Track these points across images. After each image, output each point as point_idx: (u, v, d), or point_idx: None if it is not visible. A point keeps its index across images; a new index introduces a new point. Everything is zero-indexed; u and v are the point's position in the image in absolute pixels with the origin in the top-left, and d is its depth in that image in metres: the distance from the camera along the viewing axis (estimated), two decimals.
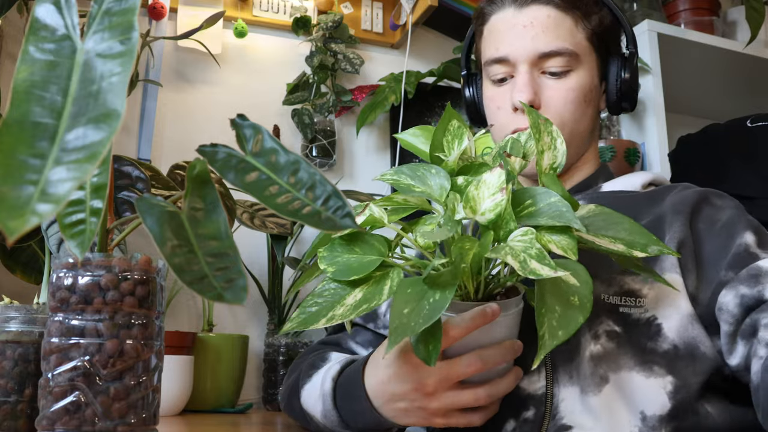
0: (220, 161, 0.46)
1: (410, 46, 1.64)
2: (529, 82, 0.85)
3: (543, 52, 0.85)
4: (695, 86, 1.74)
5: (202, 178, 0.47)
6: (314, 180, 0.46)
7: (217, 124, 1.57)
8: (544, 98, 0.85)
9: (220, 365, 1.32)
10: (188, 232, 0.44)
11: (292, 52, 1.66)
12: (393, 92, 1.61)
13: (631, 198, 0.86)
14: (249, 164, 0.47)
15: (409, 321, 0.55)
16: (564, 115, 0.86)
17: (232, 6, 1.60)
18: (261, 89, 1.62)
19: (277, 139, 0.48)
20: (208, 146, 0.47)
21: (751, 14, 1.42)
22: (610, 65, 0.91)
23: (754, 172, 1.39)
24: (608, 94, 0.92)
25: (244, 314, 1.52)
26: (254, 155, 0.47)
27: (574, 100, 0.86)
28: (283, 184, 0.46)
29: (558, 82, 0.86)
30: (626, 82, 0.90)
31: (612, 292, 0.76)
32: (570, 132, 0.86)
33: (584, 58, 0.87)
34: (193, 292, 1.50)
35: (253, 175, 0.46)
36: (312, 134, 1.57)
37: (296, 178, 0.46)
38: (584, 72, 0.87)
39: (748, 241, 0.74)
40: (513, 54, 0.86)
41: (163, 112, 1.53)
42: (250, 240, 1.51)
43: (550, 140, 0.70)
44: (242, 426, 1.13)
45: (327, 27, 1.59)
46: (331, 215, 0.45)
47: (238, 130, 0.48)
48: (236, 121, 0.49)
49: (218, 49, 1.54)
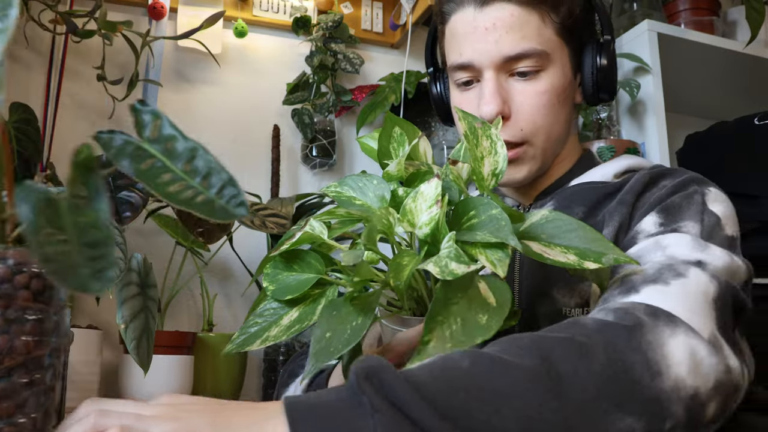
0: (115, 148, 0.45)
1: (410, 46, 1.64)
2: (496, 90, 0.78)
3: (509, 56, 0.78)
4: (695, 86, 1.74)
5: (88, 164, 0.44)
6: (210, 168, 0.45)
7: (217, 124, 1.57)
8: (514, 105, 0.79)
9: (220, 365, 1.32)
10: (65, 221, 0.42)
11: (292, 52, 1.66)
12: (393, 92, 1.61)
13: (594, 190, 0.81)
14: (145, 151, 0.45)
15: (328, 346, 0.54)
16: (537, 120, 0.79)
17: (232, 6, 1.60)
18: (261, 89, 1.62)
19: (178, 127, 0.46)
20: (105, 132, 0.45)
21: (751, 14, 1.42)
22: (584, 56, 0.83)
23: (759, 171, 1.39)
24: (584, 86, 0.84)
25: (244, 314, 1.52)
26: (151, 141, 0.46)
27: (547, 104, 0.79)
28: (177, 172, 0.44)
29: (528, 84, 0.79)
30: (602, 71, 0.82)
31: (573, 304, 0.73)
32: (545, 136, 0.81)
33: (555, 55, 0.80)
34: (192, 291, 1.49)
35: (148, 162, 0.45)
36: (312, 134, 1.57)
37: (192, 165, 0.45)
38: (555, 70, 0.80)
39: (644, 226, 0.70)
40: (477, 60, 0.79)
41: (163, 112, 1.52)
42: (250, 240, 1.51)
43: (490, 145, 0.63)
44: None
45: (327, 27, 1.59)
46: (225, 204, 0.44)
47: (137, 115, 0.47)
48: (135, 106, 0.47)
49: (218, 49, 1.54)
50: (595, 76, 0.82)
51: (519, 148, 0.80)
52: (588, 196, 0.80)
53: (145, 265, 0.95)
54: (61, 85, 1.43)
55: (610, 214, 0.76)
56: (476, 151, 0.63)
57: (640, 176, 0.79)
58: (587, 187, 0.82)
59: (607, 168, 0.85)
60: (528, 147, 0.80)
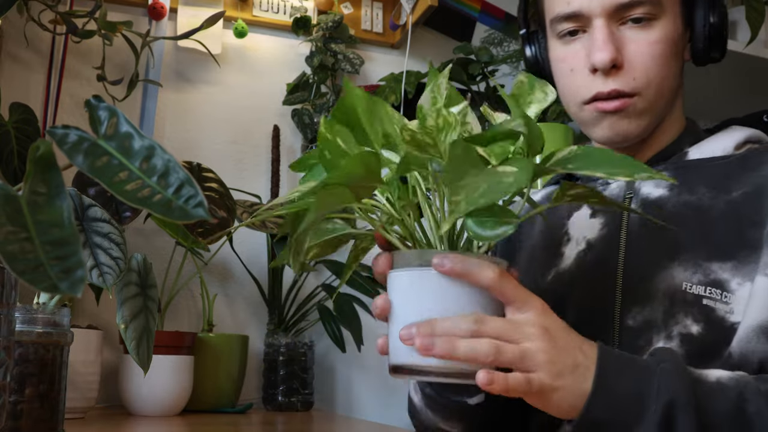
0: (69, 144, 0.44)
1: (410, 46, 1.64)
2: (609, 37, 0.74)
3: (621, 3, 0.74)
4: (695, 86, 1.74)
5: (47, 160, 0.43)
6: (168, 167, 0.44)
7: (217, 124, 1.57)
8: (627, 54, 0.75)
9: (220, 365, 1.32)
10: (26, 218, 0.41)
11: (292, 52, 1.66)
12: (393, 92, 1.61)
13: (723, 165, 0.76)
14: (100, 148, 0.44)
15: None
16: (651, 71, 0.75)
17: (232, 6, 1.60)
18: (261, 89, 1.62)
19: (134, 124, 0.46)
20: (59, 128, 0.45)
21: (751, 14, 1.42)
22: (696, 9, 0.79)
23: None
24: (694, 43, 0.80)
25: (244, 314, 1.52)
26: (107, 139, 0.45)
27: (662, 54, 0.75)
28: (134, 170, 0.44)
29: (641, 33, 0.75)
30: (715, 26, 0.78)
31: (696, 281, 0.68)
32: (657, 89, 0.76)
33: (667, 4, 0.76)
34: (192, 290, 1.49)
35: (103, 159, 0.44)
36: (312, 134, 1.57)
37: (149, 164, 0.44)
38: (669, 20, 0.76)
39: None
40: (587, 7, 0.75)
41: (163, 112, 1.53)
42: (250, 240, 1.51)
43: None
44: (242, 426, 1.13)
45: (327, 27, 1.59)
46: (183, 204, 0.43)
47: (92, 111, 0.46)
48: (90, 102, 0.46)
49: (218, 49, 1.54)
50: (708, 31, 0.79)
51: (629, 99, 0.75)
52: (711, 172, 0.76)
53: (145, 265, 0.95)
54: (61, 85, 1.43)
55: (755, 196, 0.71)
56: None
57: None
58: (708, 164, 0.77)
59: (726, 139, 0.80)
60: (638, 99, 0.76)
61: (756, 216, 0.70)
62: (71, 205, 0.42)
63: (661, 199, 0.75)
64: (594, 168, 0.54)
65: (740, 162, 0.75)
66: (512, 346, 0.54)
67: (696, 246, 0.70)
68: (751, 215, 0.70)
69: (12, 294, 0.50)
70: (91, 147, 0.44)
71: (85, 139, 0.44)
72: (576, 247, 0.79)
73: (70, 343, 0.72)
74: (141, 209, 1.05)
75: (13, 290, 0.51)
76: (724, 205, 0.71)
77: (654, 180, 0.68)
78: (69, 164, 0.46)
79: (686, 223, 0.71)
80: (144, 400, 1.19)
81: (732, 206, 0.71)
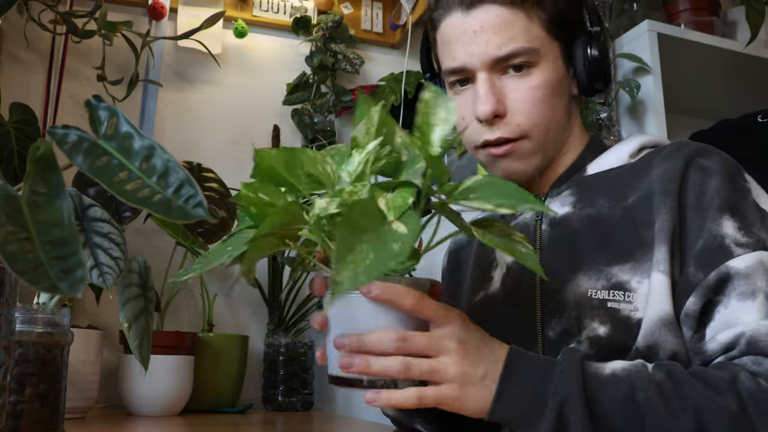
0: (69, 144, 0.44)
1: (410, 46, 1.64)
2: (490, 89, 0.79)
3: (498, 57, 0.79)
4: (695, 86, 1.74)
5: (47, 160, 0.43)
6: (168, 167, 0.44)
7: (217, 124, 1.57)
8: (510, 102, 0.80)
9: (220, 365, 1.32)
10: (26, 218, 0.41)
11: (292, 52, 1.66)
12: (393, 92, 1.61)
13: (618, 176, 0.81)
14: (100, 148, 0.45)
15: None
16: (534, 115, 0.80)
17: (232, 6, 1.60)
18: (261, 89, 1.62)
19: (134, 124, 0.46)
20: (59, 128, 0.45)
21: (751, 14, 1.42)
22: (575, 49, 0.84)
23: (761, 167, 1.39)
24: (578, 79, 0.84)
25: (244, 314, 1.52)
26: (107, 139, 0.45)
27: (542, 98, 0.80)
28: (134, 170, 0.44)
29: (521, 81, 0.80)
30: (593, 62, 0.83)
31: (600, 286, 0.74)
32: (543, 130, 0.81)
33: (545, 50, 0.80)
34: (192, 291, 1.49)
35: (103, 159, 0.44)
36: (312, 134, 1.57)
37: (149, 164, 0.44)
38: (547, 65, 0.80)
39: (725, 230, 0.71)
40: (469, 62, 0.80)
41: (163, 112, 1.53)
42: None
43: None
44: (242, 426, 1.13)
45: (327, 27, 1.59)
46: (183, 204, 0.43)
47: (92, 111, 0.46)
48: (90, 102, 0.46)
49: (218, 49, 1.54)
50: (587, 68, 0.83)
51: (516, 142, 0.81)
52: (608, 184, 0.81)
53: (145, 267, 0.95)
54: (61, 85, 1.43)
55: (647, 199, 0.76)
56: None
57: (669, 155, 0.78)
58: (606, 176, 0.83)
59: (621, 150, 0.84)
60: (526, 141, 0.81)
61: (648, 217, 0.75)
62: (71, 205, 0.42)
63: (566, 216, 0.81)
64: (486, 200, 0.59)
65: (633, 169, 0.81)
66: (423, 362, 0.62)
67: (598, 254, 0.75)
68: (644, 217, 0.75)
69: (12, 294, 0.50)
70: (91, 147, 0.44)
71: (85, 139, 0.45)
72: (501, 272, 0.86)
73: (70, 343, 0.72)
74: (141, 209, 1.05)
75: (13, 290, 0.51)
76: (621, 212, 0.77)
77: (560, 198, 0.82)
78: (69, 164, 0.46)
79: (589, 234, 0.78)
80: (144, 400, 1.19)
81: (628, 212, 0.77)
